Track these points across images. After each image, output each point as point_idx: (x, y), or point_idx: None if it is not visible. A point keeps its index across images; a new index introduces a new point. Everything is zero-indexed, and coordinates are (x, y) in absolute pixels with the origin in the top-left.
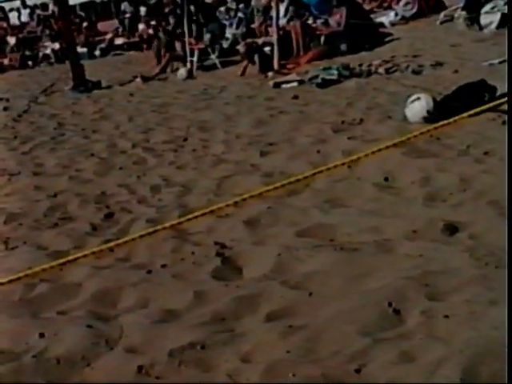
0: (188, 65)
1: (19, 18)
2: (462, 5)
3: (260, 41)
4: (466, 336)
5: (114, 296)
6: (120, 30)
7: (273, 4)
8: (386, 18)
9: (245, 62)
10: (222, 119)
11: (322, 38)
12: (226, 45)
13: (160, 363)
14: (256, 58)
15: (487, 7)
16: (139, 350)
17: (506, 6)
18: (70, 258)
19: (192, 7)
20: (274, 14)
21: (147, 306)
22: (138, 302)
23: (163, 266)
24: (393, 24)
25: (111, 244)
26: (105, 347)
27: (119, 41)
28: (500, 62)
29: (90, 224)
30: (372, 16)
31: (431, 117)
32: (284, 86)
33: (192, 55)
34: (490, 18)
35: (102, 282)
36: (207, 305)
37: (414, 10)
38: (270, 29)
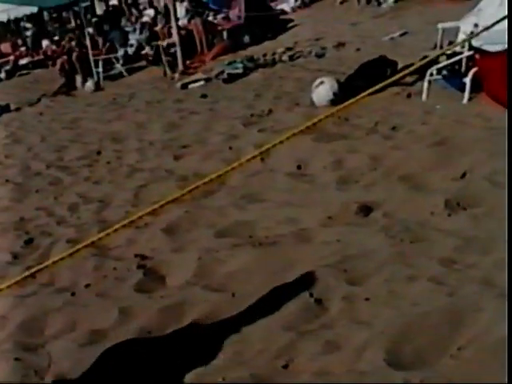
0: (94, 77)
1: None
2: None
3: (164, 43)
4: (387, 316)
5: (40, 323)
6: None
7: (169, 5)
8: (286, 5)
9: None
10: (134, 128)
11: (225, 33)
12: (130, 51)
13: None
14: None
15: None
16: (68, 377)
17: None
18: None
19: (95, 18)
20: (172, 15)
21: (74, 329)
22: (65, 326)
23: (87, 285)
24: (294, 9)
25: (33, 270)
26: (35, 378)
27: (24, 60)
28: (400, 35)
29: (10, 253)
30: (272, 4)
31: (337, 99)
32: (191, 85)
33: (97, 66)
34: None
35: (26, 310)
36: (133, 320)
37: None
38: (172, 30)
